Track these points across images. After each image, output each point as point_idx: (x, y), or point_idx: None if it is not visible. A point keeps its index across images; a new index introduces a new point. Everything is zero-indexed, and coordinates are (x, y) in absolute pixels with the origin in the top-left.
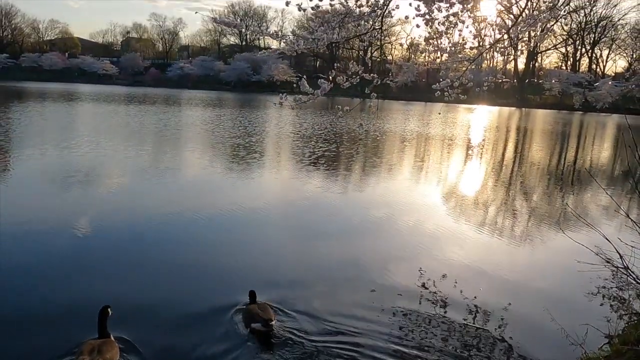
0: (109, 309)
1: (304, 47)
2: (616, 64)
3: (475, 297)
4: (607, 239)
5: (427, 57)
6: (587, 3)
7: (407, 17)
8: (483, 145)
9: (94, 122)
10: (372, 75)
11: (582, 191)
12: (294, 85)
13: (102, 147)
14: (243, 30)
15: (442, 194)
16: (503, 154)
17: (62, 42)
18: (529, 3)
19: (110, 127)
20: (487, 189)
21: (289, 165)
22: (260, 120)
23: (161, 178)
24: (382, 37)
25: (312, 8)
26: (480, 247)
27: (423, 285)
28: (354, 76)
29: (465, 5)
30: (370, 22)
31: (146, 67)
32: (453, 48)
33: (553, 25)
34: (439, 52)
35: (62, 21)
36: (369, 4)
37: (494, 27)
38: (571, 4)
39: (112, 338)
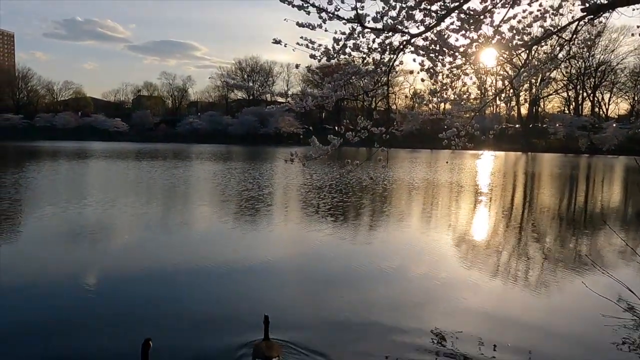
0: (150, 342)
1: (313, 104)
2: (618, 106)
3: (493, 347)
4: (629, 289)
5: (431, 107)
6: (585, 49)
7: (412, 72)
8: (492, 191)
9: (106, 179)
10: (380, 129)
11: (595, 235)
12: (301, 136)
13: (115, 203)
14: (251, 84)
15: (453, 241)
16: (512, 199)
17: (76, 102)
18: (530, 54)
19: (122, 183)
20: (498, 235)
21: (299, 216)
22: (270, 173)
23: (173, 232)
24: (387, 89)
25: (318, 69)
26: (495, 295)
27: (437, 334)
28: (362, 131)
29: (467, 58)
30: (376, 79)
31: (156, 123)
32: (457, 98)
33: (552, 71)
34: (443, 103)
35: (76, 82)
36: (375, 62)
37: (497, 77)
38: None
39: None
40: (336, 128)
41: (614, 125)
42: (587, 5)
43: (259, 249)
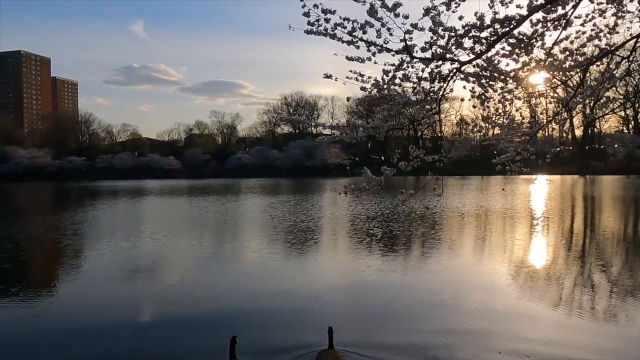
0: (236, 338)
1: (363, 135)
2: None
3: None
4: None
5: (482, 133)
6: None
7: (462, 100)
8: (549, 216)
9: (160, 215)
10: (432, 157)
11: None
12: (347, 168)
13: (171, 237)
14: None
15: (510, 270)
16: (572, 224)
17: (132, 142)
18: (586, 74)
19: (175, 218)
20: (559, 262)
21: (353, 246)
22: (319, 204)
23: (225, 265)
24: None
25: (363, 100)
26: (559, 328)
27: None
28: (415, 160)
29: (519, 83)
30: (427, 107)
31: (207, 160)
32: (510, 123)
33: (609, 90)
34: (494, 128)
35: (133, 124)
36: (425, 91)
37: (550, 100)
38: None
39: None
40: (382, 158)
41: None
42: None
43: (308, 280)
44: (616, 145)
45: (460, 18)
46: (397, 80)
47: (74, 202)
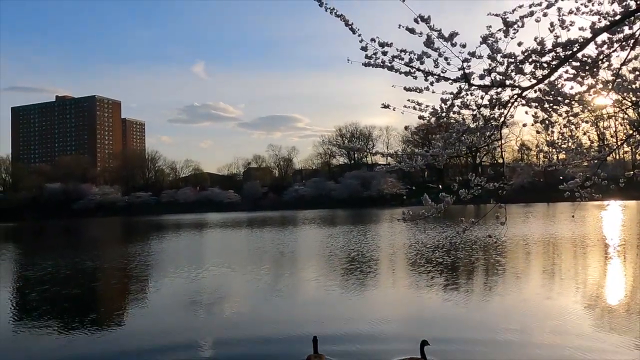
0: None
1: (422, 164)
2: None
3: None
4: None
5: (545, 158)
6: None
7: (524, 125)
8: (625, 244)
9: (220, 247)
10: (493, 184)
11: None
12: (404, 197)
13: (231, 269)
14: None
15: (584, 302)
16: None
17: (194, 177)
18: None
19: (234, 250)
20: (638, 297)
21: (415, 276)
22: (377, 233)
23: (281, 296)
24: (491, 142)
25: (419, 129)
26: None
27: None
28: (475, 187)
29: (585, 106)
30: (487, 134)
31: (264, 192)
32: (578, 148)
33: None
34: (560, 153)
35: (194, 159)
36: (485, 118)
37: (622, 121)
38: None
39: None
40: (440, 186)
41: None
42: None
43: (365, 312)
44: None
45: (520, 44)
46: (456, 108)
47: (142, 235)
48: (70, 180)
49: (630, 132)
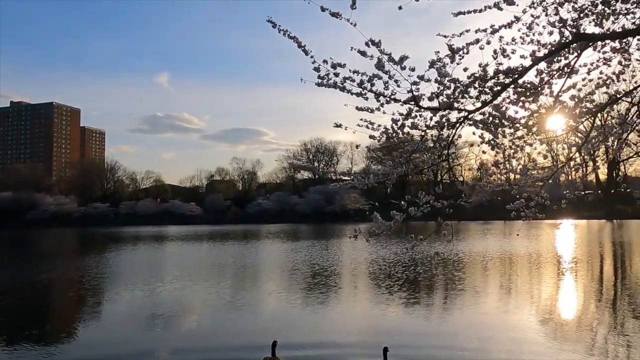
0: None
1: (374, 182)
2: None
3: None
4: None
5: (497, 178)
6: None
7: (472, 145)
8: (576, 261)
9: (180, 261)
10: (443, 202)
11: None
12: (367, 213)
13: (189, 283)
14: (316, 164)
15: (538, 318)
16: (601, 270)
17: (155, 189)
18: (597, 120)
19: (195, 264)
20: (590, 310)
21: (368, 292)
22: (338, 249)
23: (242, 309)
24: (451, 162)
25: (380, 146)
26: None
27: None
28: (425, 205)
29: (529, 129)
30: (437, 154)
31: (227, 205)
32: (523, 169)
33: (628, 135)
34: (509, 173)
35: (156, 171)
36: (433, 138)
37: (564, 145)
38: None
39: None
40: (402, 203)
41: None
42: None
43: (324, 329)
44: None
45: (465, 69)
46: (406, 129)
47: (98, 247)
48: (23, 189)
49: (571, 155)
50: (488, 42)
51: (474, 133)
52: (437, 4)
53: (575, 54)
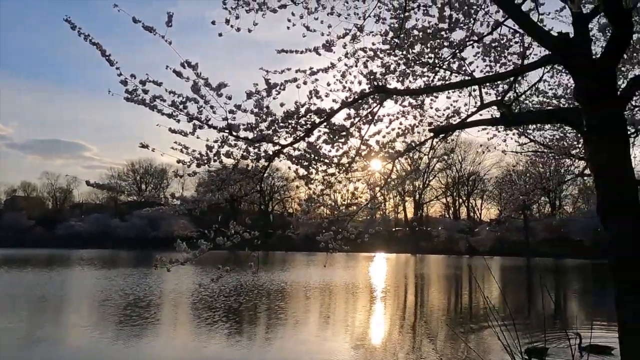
0: None
1: (185, 209)
2: (490, 211)
3: None
4: None
5: (315, 213)
6: (457, 161)
7: (287, 179)
8: (385, 292)
9: None
10: (252, 233)
11: (480, 332)
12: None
13: None
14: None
15: (351, 345)
16: (405, 299)
17: None
18: (395, 168)
19: None
20: (394, 335)
21: (188, 324)
22: (156, 278)
23: (39, 346)
24: (283, 193)
25: (192, 173)
26: None
27: None
28: (234, 235)
29: (340, 168)
30: (252, 185)
31: (31, 226)
32: (333, 204)
33: (431, 180)
34: (324, 208)
35: None
36: (247, 170)
37: (369, 185)
38: (439, 164)
39: None
40: (231, 231)
41: (487, 228)
42: (433, 127)
43: (155, 356)
44: (440, 228)
45: (282, 105)
46: (222, 157)
47: None
48: None
49: (373, 194)
50: (305, 83)
51: (289, 168)
52: (278, 41)
53: (376, 103)
